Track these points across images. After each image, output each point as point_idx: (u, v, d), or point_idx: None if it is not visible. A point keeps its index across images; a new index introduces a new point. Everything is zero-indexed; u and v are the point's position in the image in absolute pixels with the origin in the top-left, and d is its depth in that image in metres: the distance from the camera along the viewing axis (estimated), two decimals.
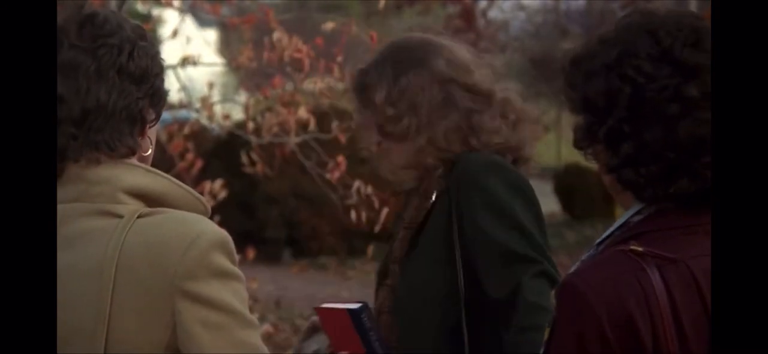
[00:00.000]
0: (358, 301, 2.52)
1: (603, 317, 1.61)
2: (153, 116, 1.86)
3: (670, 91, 1.64)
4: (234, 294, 1.75)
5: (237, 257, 1.80)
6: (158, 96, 1.86)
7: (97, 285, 1.73)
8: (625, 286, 1.62)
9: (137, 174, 1.81)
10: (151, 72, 1.83)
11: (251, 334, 1.75)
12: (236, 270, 1.78)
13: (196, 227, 1.76)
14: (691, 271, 1.64)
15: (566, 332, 1.64)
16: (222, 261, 1.75)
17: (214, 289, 1.73)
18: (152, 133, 1.88)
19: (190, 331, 1.72)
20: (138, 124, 1.82)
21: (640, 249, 1.64)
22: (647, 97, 1.65)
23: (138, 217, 1.76)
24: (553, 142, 18.18)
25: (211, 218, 1.84)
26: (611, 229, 1.73)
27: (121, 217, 1.76)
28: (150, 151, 1.87)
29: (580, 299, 1.63)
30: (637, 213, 1.71)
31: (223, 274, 1.75)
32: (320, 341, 2.67)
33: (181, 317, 1.72)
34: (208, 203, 1.92)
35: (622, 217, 1.74)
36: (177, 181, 1.85)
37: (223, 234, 1.78)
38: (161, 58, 1.88)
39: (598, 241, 1.73)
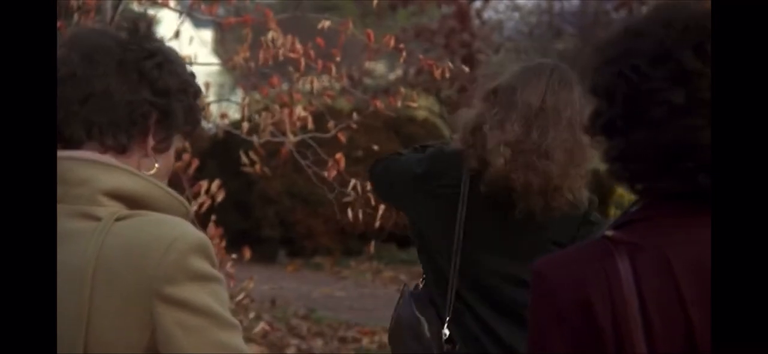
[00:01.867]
0: None
1: (560, 298, 1.65)
2: (161, 136, 1.87)
3: (659, 94, 1.64)
4: (213, 296, 1.75)
5: (216, 260, 1.81)
6: (173, 117, 1.86)
7: (76, 287, 1.73)
8: (586, 269, 1.65)
9: (116, 175, 1.81)
10: (171, 89, 1.85)
11: (231, 336, 1.76)
12: (215, 272, 1.78)
13: (175, 230, 1.76)
14: (667, 259, 1.63)
15: (532, 311, 1.70)
16: (200, 264, 1.75)
17: (193, 292, 1.74)
18: (162, 158, 1.88)
19: (169, 334, 1.72)
20: (138, 125, 1.83)
21: (611, 234, 1.67)
22: (639, 97, 1.66)
23: (116, 219, 1.77)
24: None
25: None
26: (617, 219, 1.75)
27: (99, 219, 1.77)
28: (153, 171, 1.87)
29: (540, 280, 1.69)
30: (636, 202, 1.72)
31: (202, 277, 1.75)
32: None
33: (160, 320, 1.72)
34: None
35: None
36: (158, 183, 1.85)
37: (202, 237, 1.78)
38: (193, 86, 1.90)
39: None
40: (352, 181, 5.03)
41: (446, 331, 3.09)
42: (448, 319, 3.10)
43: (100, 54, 1.82)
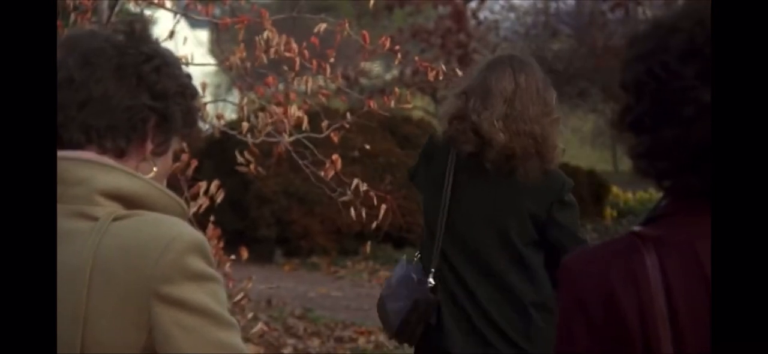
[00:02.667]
0: None
1: (585, 291, 1.65)
2: (160, 139, 1.87)
3: (689, 92, 1.61)
4: (211, 296, 1.75)
5: (214, 259, 1.80)
6: (171, 120, 1.86)
7: (74, 287, 1.73)
8: (612, 263, 1.65)
9: (114, 175, 1.81)
10: (169, 93, 1.85)
11: (230, 335, 1.75)
12: (213, 271, 1.78)
13: (172, 230, 1.75)
14: (696, 253, 1.62)
15: (559, 306, 1.71)
16: (198, 263, 1.75)
17: (191, 292, 1.73)
18: (160, 161, 1.89)
19: (167, 334, 1.72)
20: (137, 130, 1.83)
21: (638, 230, 1.66)
22: (668, 95, 1.63)
23: (113, 219, 1.76)
24: None
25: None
26: (646, 215, 1.75)
27: (96, 219, 1.77)
28: (152, 174, 1.87)
29: (567, 274, 1.70)
30: (663, 198, 1.71)
31: (199, 277, 1.75)
32: None
33: (158, 320, 1.72)
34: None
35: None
36: (154, 183, 1.85)
37: (199, 236, 1.78)
38: (190, 88, 1.90)
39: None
40: (355, 181, 5.04)
41: (431, 281, 3.76)
42: (433, 270, 3.76)
43: (97, 57, 1.82)
